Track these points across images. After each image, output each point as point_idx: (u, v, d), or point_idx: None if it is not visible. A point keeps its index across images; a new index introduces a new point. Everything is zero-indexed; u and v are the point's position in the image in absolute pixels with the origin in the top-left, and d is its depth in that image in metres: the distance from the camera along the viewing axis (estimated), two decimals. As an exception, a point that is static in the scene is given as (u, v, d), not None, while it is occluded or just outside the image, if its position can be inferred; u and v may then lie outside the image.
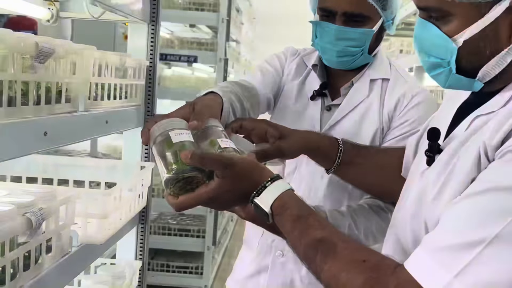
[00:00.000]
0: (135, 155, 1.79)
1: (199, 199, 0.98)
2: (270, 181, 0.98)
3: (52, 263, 1.15)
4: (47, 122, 1.09)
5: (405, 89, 1.50)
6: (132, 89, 1.63)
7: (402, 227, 1.01)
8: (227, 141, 1.05)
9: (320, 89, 1.54)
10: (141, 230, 1.78)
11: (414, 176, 1.05)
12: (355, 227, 1.40)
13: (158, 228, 4.44)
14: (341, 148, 1.28)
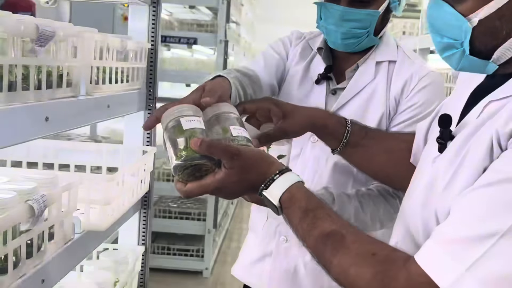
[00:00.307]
0: (137, 140, 1.77)
1: (206, 187, 0.97)
2: (278, 173, 0.96)
3: (54, 250, 1.13)
4: (48, 107, 1.06)
5: (412, 71, 1.47)
6: (134, 72, 1.60)
7: (412, 215, 0.98)
8: (240, 129, 1.03)
9: (325, 72, 1.51)
10: (144, 215, 1.76)
11: (425, 163, 1.02)
12: (362, 210, 1.39)
13: (158, 211, 4.43)
14: (349, 128, 1.24)
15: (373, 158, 1.28)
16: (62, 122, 1.13)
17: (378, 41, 1.49)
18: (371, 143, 1.26)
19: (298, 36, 1.60)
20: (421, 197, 0.95)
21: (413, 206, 0.98)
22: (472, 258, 0.76)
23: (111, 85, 1.41)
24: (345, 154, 1.28)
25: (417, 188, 1.00)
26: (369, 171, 1.35)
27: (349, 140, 1.24)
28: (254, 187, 0.97)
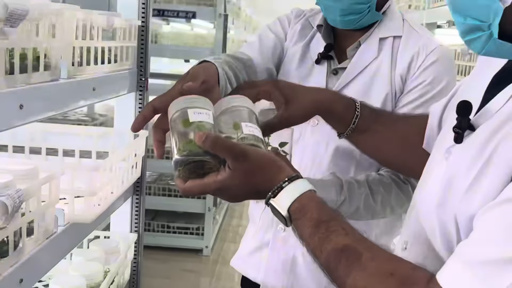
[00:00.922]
0: (128, 123, 1.67)
1: (206, 187, 0.89)
2: (287, 180, 0.87)
3: (35, 246, 1.05)
4: (23, 94, 0.97)
5: (419, 45, 1.35)
6: (123, 51, 1.51)
7: (426, 214, 0.88)
8: (252, 126, 0.95)
9: (324, 51, 1.41)
10: (136, 202, 1.68)
11: (439, 153, 0.91)
12: (372, 197, 1.30)
13: (158, 189, 4.38)
14: (358, 112, 1.13)
15: (384, 145, 1.17)
16: (40, 108, 1.04)
17: (381, 17, 1.39)
18: (381, 128, 1.15)
19: (298, 14, 1.49)
20: (438, 195, 0.85)
21: (427, 204, 0.89)
22: (505, 283, 0.68)
23: (96, 66, 1.32)
24: (352, 139, 1.17)
25: (431, 183, 0.90)
26: (379, 158, 1.25)
27: (357, 125, 1.13)
28: (260, 193, 0.89)
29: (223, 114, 0.96)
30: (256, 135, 0.93)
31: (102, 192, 1.30)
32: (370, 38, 1.38)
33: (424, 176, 0.96)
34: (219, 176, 0.88)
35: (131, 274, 1.69)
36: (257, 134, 0.94)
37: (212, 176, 0.88)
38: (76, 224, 1.22)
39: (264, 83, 1.11)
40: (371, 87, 1.37)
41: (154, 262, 4.03)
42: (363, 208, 1.29)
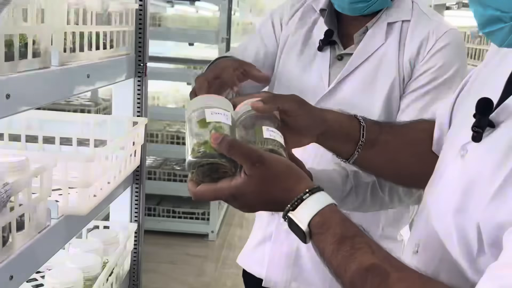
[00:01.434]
0: (127, 110, 1.63)
1: (219, 193, 0.84)
2: (308, 192, 0.81)
3: (26, 241, 1.01)
4: (9, 83, 0.92)
5: (428, 29, 1.29)
6: (119, 36, 1.45)
7: (441, 216, 0.81)
8: (273, 131, 0.90)
9: (325, 37, 1.35)
10: (136, 191, 1.64)
11: (452, 149, 0.84)
12: (379, 187, 1.25)
13: (163, 174, 4.36)
14: (363, 123, 1.03)
15: (396, 156, 1.07)
16: (28, 98, 0.99)
17: (391, 4, 1.32)
18: (389, 137, 1.05)
19: (293, 3, 1.44)
20: (455, 199, 0.78)
21: (442, 207, 0.81)
22: None
23: (91, 52, 1.27)
24: (364, 158, 1.05)
25: (445, 183, 0.82)
26: (392, 173, 1.12)
27: (366, 138, 1.03)
28: (276, 204, 0.82)
29: (244, 117, 0.92)
30: (278, 140, 0.89)
31: (98, 182, 1.26)
32: (378, 23, 1.32)
33: (435, 174, 0.89)
34: (234, 182, 0.83)
35: (131, 265, 1.66)
36: (278, 139, 0.89)
37: (226, 181, 0.83)
38: (71, 216, 1.18)
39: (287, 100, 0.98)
40: (377, 73, 1.31)
41: (159, 247, 4.02)
42: (370, 198, 1.25)
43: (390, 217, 1.39)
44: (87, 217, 1.24)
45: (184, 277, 3.70)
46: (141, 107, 1.62)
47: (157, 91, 4.44)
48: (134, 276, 1.67)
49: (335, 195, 1.22)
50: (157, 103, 4.48)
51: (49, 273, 1.28)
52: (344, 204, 1.24)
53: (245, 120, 0.91)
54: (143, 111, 1.63)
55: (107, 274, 1.37)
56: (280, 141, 0.89)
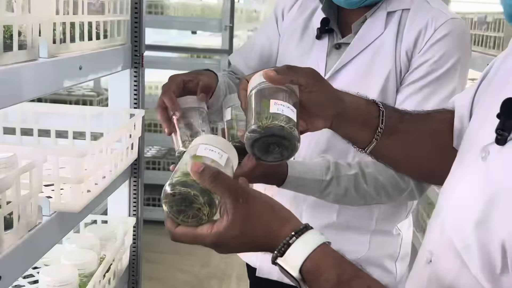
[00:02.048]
0: (124, 101, 1.59)
1: (199, 239, 0.77)
2: (295, 235, 0.74)
3: (14, 241, 0.98)
4: (-7, 76, 0.88)
5: (427, 18, 1.23)
6: (114, 26, 1.41)
7: (458, 227, 0.74)
8: (283, 105, 0.80)
9: (322, 26, 1.31)
10: (134, 184, 1.61)
11: (472, 149, 0.77)
12: (363, 179, 1.21)
13: (167, 164, 4.34)
14: (382, 109, 0.93)
15: (416, 148, 0.98)
16: (14, 92, 0.95)
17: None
18: (409, 127, 0.96)
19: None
20: (477, 211, 0.70)
21: (460, 216, 0.74)
22: None
23: (83, 43, 1.23)
24: (382, 148, 0.95)
25: (464, 188, 0.75)
26: (411, 167, 1.03)
27: (386, 126, 0.93)
28: (261, 248, 0.77)
29: (256, 89, 0.83)
30: (287, 116, 0.79)
31: (92, 177, 1.22)
32: (377, 12, 1.28)
33: (453, 175, 0.82)
34: (215, 228, 0.76)
35: (130, 260, 1.63)
36: (288, 115, 0.79)
37: (207, 227, 0.77)
38: (64, 213, 1.15)
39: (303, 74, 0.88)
40: (374, 64, 1.26)
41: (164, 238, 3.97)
42: (354, 190, 1.21)
43: (385, 211, 1.35)
44: (81, 213, 1.20)
45: (189, 267, 3.68)
46: (138, 98, 1.58)
47: (160, 81, 4.39)
48: (133, 271, 1.64)
49: (315, 186, 1.20)
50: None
51: (44, 271, 1.25)
52: (326, 195, 1.21)
53: (257, 92, 0.83)
54: (140, 103, 1.59)
55: (104, 270, 1.34)
56: (290, 117, 0.79)
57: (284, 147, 0.79)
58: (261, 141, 0.79)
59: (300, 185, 1.19)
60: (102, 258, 1.43)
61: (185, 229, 0.78)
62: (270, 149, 0.79)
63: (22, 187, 0.98)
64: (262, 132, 0.78)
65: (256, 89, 0.83)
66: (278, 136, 0.78)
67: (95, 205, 1.31)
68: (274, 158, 0.80)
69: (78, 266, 1.29)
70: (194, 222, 0.78)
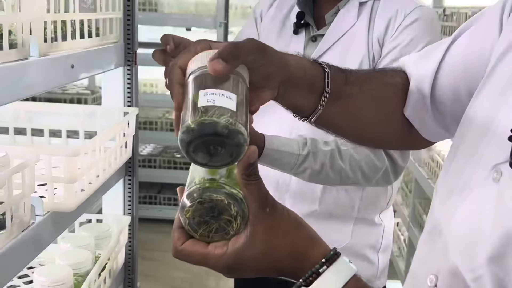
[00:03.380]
0: (118, 100, 1.59)
1: (210, 261, 0.64)
2: (326, 263, 0.63)
3: (7, 241, 0.97)
4: (-18, 76, 0.87)
5: (397, 7, 1.29)
6: (106, 24, 1.40)
7: (467, 256, 0.64)
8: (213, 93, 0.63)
9: (297, 20, 1.33)
10: (129, 183, 1.60)
11: (479, 166, 0.67)
12: (339, 156, 1.23)
13: (163, 162, 4.34)
14: (327, 70, 0.80)
15: (360, 114, 0.86)
16: (4, 92, 0.94)
17: None
18: (355, 90, 0.84)
19: None
20: (490, 243, 0.61)
21: (469, 245, 0.65)
22: None
23: (74, 41, 1.22)
24: (327, 115, 0.82)
25: (472, 211, 0.66)
26: (354, 133, 0.92)
27: (331, 89, 0.80)
28: (283, 272, 0.65)
29: (195, 74, 0.66)
30: (222, 106, 0.61)
31: (86, 176, 1.22)
32: (349, 3, 1.32)
33: (453, 187, 0.71)
34: (232, 245, 0.63)
35: (126, 258, 1.62)
36: (222, 104, 0.62)
37: (221, 245, 0.64)
38: (58, 212, 1.14)
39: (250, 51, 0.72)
40: (347, 52, 1.30)
41: (161, 236, 4.00)
42: (329, 166, 1.23)
43: (366, 198, 1.38)
44: (75, 212, 1.20)
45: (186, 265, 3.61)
46: (131, 96, 1.57)
47: (155, 78, 4.38)
48: (129, 270, 1.63)
49: (291, 160, 1.21)
50: (156, 91, 4.43)
51: (38, 271, 1.24)
52: (301, 171, 1.22)
53: (192, 80, 0.66)
54: (133, 101, 1.58)
55: (99, 270, 1.33)
56: (226, 107, 0.62)
57: (227, 145, 0.61)
58: (194, 143, 0.61)
59: (276, 158, 1.19)
60: (97, 257, 1.42)
61: (193, 246, 0.65)
62: (213, 151, 0.62)
63: (14, 187, 0.97)
64: (192, 132, 0.61)
65: (188, 80, 0.67)
66: (212, 135, 0.60)
67: (89, 204, 1.30)
68: (223, 161, 0.63)
69: (73, 265, 1.29)
70: (216, 237, 0.65)
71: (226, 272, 0.65)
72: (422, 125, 0.89)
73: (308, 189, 1.34)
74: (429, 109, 0.86)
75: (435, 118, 0.87)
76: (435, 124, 0.88)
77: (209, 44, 0.70)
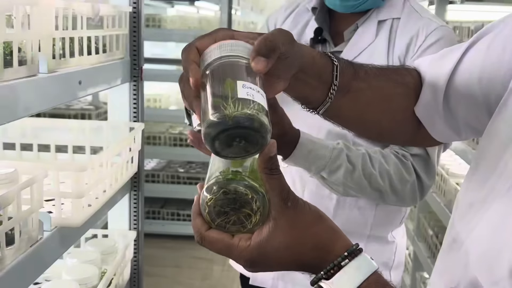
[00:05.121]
0: (123, 114, 1.60)
1: (234, 252, 0.65)
2: (348, 257, 0.64)
3: (16, 256, 0.98)
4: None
5: (418, 26, 1.28)
6: (112, 40, 1.41)
7: (489, 271, 0.64)
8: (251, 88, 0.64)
9: (315, 35, 1.33)
10: (134, 198, 1.60)
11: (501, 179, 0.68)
12: (370, 161, 1.22)
13: (166, 177, 4.33)
14: (336, 63, 0.79)
15: (367, 109, 0.86)
16: (14, 108, 0.95)
17: (383, 3, 1.31)
18: (363, 85, 0.83)
19: (287, 6, 1.44)
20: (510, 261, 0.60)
21: (491, 260, 0.64)
22: None
23: (82, 58, 1.23)
24: (335, 107, 0.82)
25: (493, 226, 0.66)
26: (361, 127, 0.92)
27: (339, 83, 0.80)
28: (306, 265, 0.65)
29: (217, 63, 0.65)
30: (257, 102, 0.62)
31: (93, 191, 1.22)
32: (368, 20, 1.32)
33: (474, 200, 0.72)
34: (255, 238, 0.64)
35: (132, 273, 1.62)
36: (258, 101, 0.62)
37: (245, 237, 0.64)
38: (65, 228, 1.15)
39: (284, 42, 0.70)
40: None
41: (164, 251, 3.99)
42: (361, 168, 1.21)
43: (379, 216, 1.36)
44: (82, 227, 1.20)
45: (189, 280, 3.66)
46: (137, 111, 1.58)
47: (159, 93, 4.41)
48: (134, 285, 1.63)
49: (326, 153, 1.18)
50: (159, 105, 4.45)
51: (45, 286, 1.24)
52: (337, 167, 1.19)
53: (215, 69, 0.65)
54: (139, 116, 1.59)
55: (105, 285, 1.33)
56: (261, 103, 0.62)
57: (252, 141, 0.62)
58: (226, 133, 0.61)
59: (311, 149, 1.15)
60: (104, 273, 1.42)
61: (219, 234, 0.65)
62: (234, 143, 0.62)
63: (23, 202, 0.98)
64: (229, 123, 0.60)
65: (213, 66, 0.65)
66: (249, 129, 0.60)
67: (96, 220, 1.31)
68: (235, 153, 0.63)
69: (80, 281, 1.29)
70: (233, 228, 0.65)
71: (249, 266, 0.66)
72: (432, 125, 0.89)
73: (322, 206, 1.29)
74: (441, 110, 0.86)
75: (446, 119, 0.86)
76: (445, 125, 0.87)
77: (232, 33, 0.69)
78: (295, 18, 1.41)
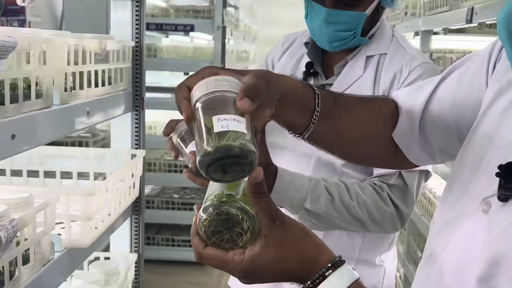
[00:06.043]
0: (125, 142, 1.69)
1: (229, 266, 0.72)
2: (331, 267, 0.71)
3: (31, 274, 1.05)
4: (14, 124, 0.97)
5: (402, 62, 1.36)
6: (117, 73, 1.51)
7: (459, 280, 0.72)
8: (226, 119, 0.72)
9: (306, 69, 1.43)
10: (135, 222, 1.68)
11: (471, 199, 0.75)
12: (347, 191, 1.29)
13: (161, 202, 4.38)
14: (317, 92, 0.89)
15: (346, 136, 0.95)
16: (32, 137, 1.04)
17: (367, 41, 1.40)
18: (343, 113, 0.92)
19: (285, 40, 1.54)
20: (480, 268, 0.68)
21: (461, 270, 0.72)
22: None
23: (90, 90, 1.33)
24: (318, 132, 0.90)
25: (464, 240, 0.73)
26: (342, 150, 1.01)
27: (321, 109, 0.89)
28: (293, 277, 0.73)
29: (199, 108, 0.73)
30: (235, 130, 0.69)
31: (99, 215, 1.30)
32: (357, 56, 1.41)
33: (446, 218, 0.80)
34: (248, 253, 0.71)
35: (133, 294, 1.69)
36: (235, 129, 0.69)
37: (239, 252, 0.71)
38: (74, 249, 1.22)
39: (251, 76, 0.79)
40: None
41: (159, 277, 4.03)
42: (339, 199, 1.28)
43: (367, 241, 1.42)
44: (89, 249, 1.28)
45: (184, 305, 3.69)
46: (139, 139, 1.67)
47: (154, 121, 4.49)
48: (135, 306, 1.70)
49: (304, 182, 1.25)
50: (155, 132, 4.53)
51: (53, 305, 1.31)
52: (316, 197, 1.25)
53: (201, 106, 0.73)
54: (141, 143, 1.68)
55: (109, 305, 1.40)
56: (238, 130, 0.69)
57: (241, 163, 0.69)
58: (213, 165, 0.69)
59: (290, 180, 1.22)
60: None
61: (215, 251, 0.72)
62: (228, 169, 0.70)
63: (37, 224, 1.06)
64: (212, 156, 0.68)
65: (201, 101, 0.74)
66: (229, 157, 0.68)
67: (100, 242, 1.39)
68: (235, 176, 0.70)
69: (85, 300, 1.36)
70: (226, 246, 0.72)
71: (243, 277, 0.73)
72: (409, 150, 0.98)
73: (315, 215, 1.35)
74: (417, 136, 0.95)
75: (421, 145, 0.95)
76: (421, 150, 0.96)
77: (217, 70, 0.79)
78: (291, 52, 1.49)
